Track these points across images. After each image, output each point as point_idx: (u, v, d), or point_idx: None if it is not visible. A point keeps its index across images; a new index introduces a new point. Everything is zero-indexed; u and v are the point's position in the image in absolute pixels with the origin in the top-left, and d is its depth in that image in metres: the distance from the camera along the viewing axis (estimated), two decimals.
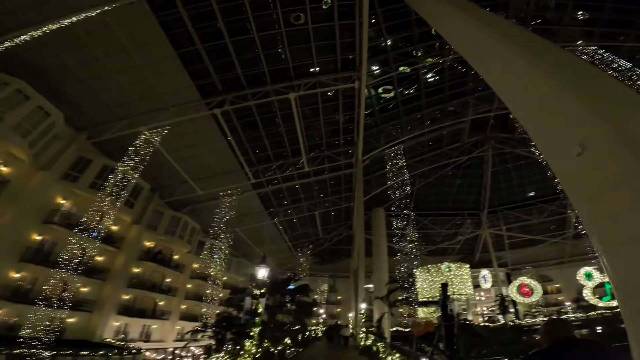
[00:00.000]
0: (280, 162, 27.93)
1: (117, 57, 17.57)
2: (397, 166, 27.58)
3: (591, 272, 28.23)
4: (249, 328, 10.17)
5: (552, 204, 40.13)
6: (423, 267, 10.97)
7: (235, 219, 30.26)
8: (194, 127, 22.75)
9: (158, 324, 30.10)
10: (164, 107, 20.67)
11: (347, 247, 43.92)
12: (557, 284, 43.08)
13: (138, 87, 19.58)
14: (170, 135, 21.59)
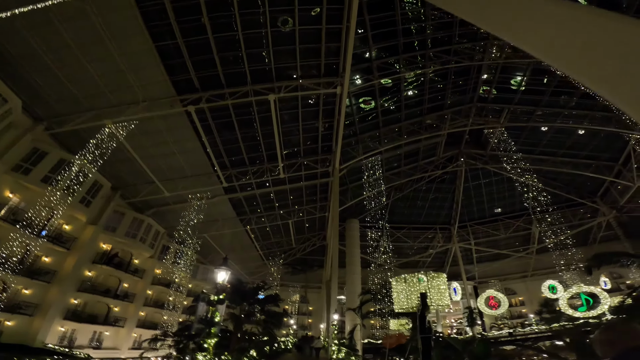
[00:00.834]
0: (256, 167, 26.90)
1: (91, 46, 16.48)
2: (374, 177, 27.52)
3: (555, 285, 29.18)
4: (203, 338, 8.58)
5: (519, 219, 41.83)
6: (399, 277, 10.41)
7: (204, 224, 28.81)
8: (165, 124, 21.48)
9: (111, 331, 27.79)
10: (134, 101, 19.39)
11: (320, 257, 43.03)
12: (521, 296, 44.55)
13: (109, 79, 18.35)
14: (139, 131, 20.50)
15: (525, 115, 28.64)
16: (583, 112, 27.15)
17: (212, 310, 8.84)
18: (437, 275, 10.11)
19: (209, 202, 27.42)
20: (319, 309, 43.95)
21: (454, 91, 27.66)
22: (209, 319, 8.60)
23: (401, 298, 9.95)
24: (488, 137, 31.53)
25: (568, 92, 26.11)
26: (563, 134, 31.34)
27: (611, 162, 32.49)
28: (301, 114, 23.85)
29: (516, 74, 26.39)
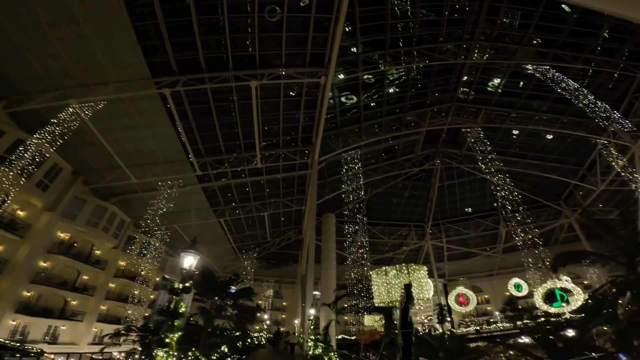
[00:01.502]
0: (232, 155, 25.85)
1: (64, 25, 15.50)
2: (353, 172, 27.31)
3: (520, 283, 30.38)
4: (164, 332, 7.33)
5: (488, 219, 43.28)
6: (380, 269, 10.04)
7: (175, 214, 27.40)
8: (136, 107, 20.25)
9: (69, 326, 25.85)
10: (104, 82, 18.19)
11: (295, 252, 42.48)
12: (487, 294, 46.35)
13: (80, 59, 17.29)
14: (107, 114, 19.31)
15: (500, 117, 29.37)
16: (554, 117, 28.31)
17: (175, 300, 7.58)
18: (418, 267, 9.84)
19: (181, 190, 26.02)
20: (293, 304, 43.44)
21: (435, 90, 27.95)
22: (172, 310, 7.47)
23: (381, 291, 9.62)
24: (465, 137, 32.20)
25: (542, 96, 27.08)
26: (534, 137, 32.53)
27: (577, 167, 34.17)
28: (282, 103, 23.22)
29: (495, 76, 26.96)
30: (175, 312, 7.42)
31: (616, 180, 31.41)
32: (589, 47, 22.06)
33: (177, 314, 7.41)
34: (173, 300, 7.61)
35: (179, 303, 7.57)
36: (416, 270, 7.83)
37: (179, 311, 7.49)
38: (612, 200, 36.24)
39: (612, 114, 21.40)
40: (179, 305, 7.55)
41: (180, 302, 7.62)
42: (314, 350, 14.11)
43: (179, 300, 7.64)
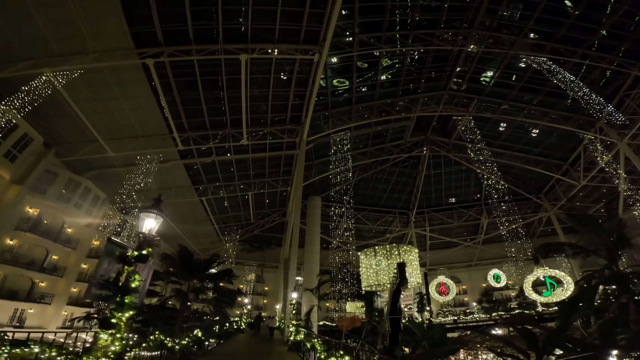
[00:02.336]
0: (218, 131, 24.86)
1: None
2: (341, 154, 26.72)
3: (499, 274, 31.00)
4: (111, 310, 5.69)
5: (471, 209, 43.82)
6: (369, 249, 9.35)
7: (154, 191, 26.11)
8: (116, 78, 19.17)
9: (36, 309, 24.49)
10: (82, 51, 17.03)
11: (279, 235, 41.91)
12: (465, 285, 47.34)
13: (57, 27, 15.99)
14: (83, 84, 18.39)
15: (492, 107, 29.20)
16: (544, 110, 28.32)
17: (128, 271, 6.01)
18: (409, 249, 9.16)
19: (161, 166, 24.87)
20: (275, 289, 43.16)
21: (429, 77, 27.52)
22: (123, 285, 5.90)
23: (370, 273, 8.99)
24: (455, 125, 31.99)
25: (534, 89, 26.98)
26: (521, 130, 32.68)
27: (560, 161, 34.65)
28: (273, 80, 22.34)
29: (490, 67, 26.63)
30: (125, 287, 5.86)
31: (597, 177, 32.13)
32: (587, 43, 21.90)
33: (128, 288, 5.85)
34: (125, 271, 6.02)
35: (132, 275, 5.99)
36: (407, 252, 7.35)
37: (131, 286, 5.89)
38: (590, 197, 37.24)
39: (605, 106, 21.37)
40: (132, 278, 5.95)
41: (134, 275, 6.00)
42: (295, 335, 13.71)
43: (132, 272, 6.02)
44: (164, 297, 14.87)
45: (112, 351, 5.08)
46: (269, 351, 14.07)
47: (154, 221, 6.49)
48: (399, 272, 7.41)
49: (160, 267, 15.35)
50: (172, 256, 15.64)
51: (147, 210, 6.49)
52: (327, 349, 8.90)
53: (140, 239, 6.32)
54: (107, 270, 6.04)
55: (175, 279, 14.83)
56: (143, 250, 6.16)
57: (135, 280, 5.97)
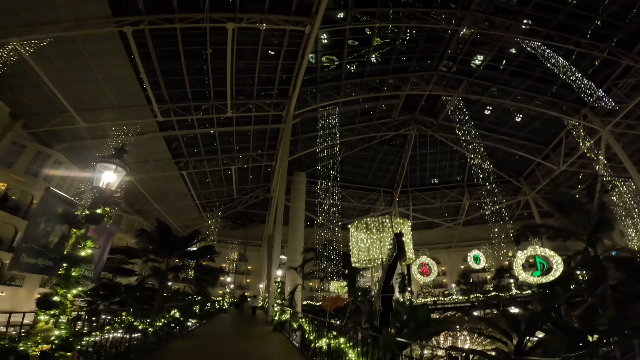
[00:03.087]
0: (200, 103, 23.84)
1: None
2: (328, 129, 26.10)
3: (479, 256, 31.88)
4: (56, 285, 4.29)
5: (454, 190, 44.47)
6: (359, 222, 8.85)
7: (131, 164, 24.75)
8: (90, 48, 17.99)
9: (7, 292, 23.16)
10: (53, 20, 15.88)
11: (262, 212, 41.43)
12: (444, 266, 48.40)
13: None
14: (54, 53, 17.24)
15: (481, 90, 29.07)
16: (532, 95, 28.44)
17: (75, 235, 4.57)
18: (402, 221, 8.68)
19: (139, 138, 23.52)
20: (259, 268, 43.08)
21: (420, 57, 27.00)
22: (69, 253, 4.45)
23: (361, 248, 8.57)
24: (444, 106, 31.74)
25: (524, 74, 26.93)
26: (507, 114, 32.88)
27: (542, 146, 35.31)
28: (261, 52, 21.36)
29: (483, 50, 26.22)
30: (72, 256, 4.42)
31: (577, 163, 33.03)
32: (582, 31, 21.72)
33: (75, 258, 4.41)
34: (72, 235, 4.60)
35: (82, 241, 4.55)
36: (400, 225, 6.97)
37: (80, 254, 4.45)
38: (567, 182, 38.39)
39: (593, 93, 21.45)
40: (82, 244, 4.51)
41: (85, 240, 4.56)
42: (280, 315, 13.53)
43: (82, 236, 4.56)
44: (142, 277, 14.23)
45: (56, 336, 3.94)
46: (252, 332, 13.90)
47: (113, 174, 5.03)
48: (397, 244, 6.65)
49: (136, 244, 14.59)
50: (149, 232, 14.84)
51: (105, 160, 5.06)
52: (315, 329, 8.65)
53: (95, 194, 4.89)
54: (43, 232, 4.58)
55: (153, 257, 14.15)
56: (97, 208, 4.65)
57: (87, 247, 4.49)
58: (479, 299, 27.33)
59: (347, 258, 23.41)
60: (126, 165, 5.16)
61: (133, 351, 7.63)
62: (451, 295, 33.71)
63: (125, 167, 5.15)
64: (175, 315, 10.54)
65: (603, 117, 26.79)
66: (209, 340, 11.22)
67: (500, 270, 36.12)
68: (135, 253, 14.00)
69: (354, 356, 5.44)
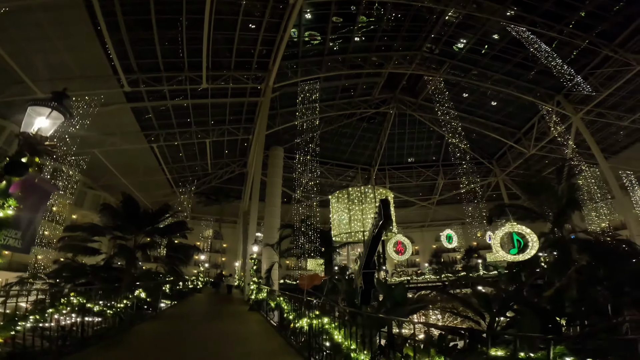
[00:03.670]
0: (173, 74, 22.55)
1: None
2: (308, 104, 25.31)
3: (451, 235, 33.00)
4: None
5: (429, 170, 45.26)
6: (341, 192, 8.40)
7: (95, 137, 23.27)
8: (49, 17, 16.60)
9: None
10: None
11: (238, 187, 40.40)
12: (417, 246, 49.68)
13: None
14: (9, 23, 15.94)
15: (462, 72, 29.24)
16: (510, 80, 28.84)
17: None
18: (385, 191, 8.26)
19: (104, 110, 21.96)
20: (234, 246, 42.41)
21: (405, 36, 26.52)
22: None
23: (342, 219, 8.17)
24: (425, 85, 31.60)
25: (505, 59, 27.15)
26: (484, 97, 33.32)
27: (515, 130, 36.35)
28: (241, 22, 20.23)
29: (467, 33, 25.98)
30: None
31: (546, 147, 34.35)
32: (567, 19, 21.83)
33: None
34: None
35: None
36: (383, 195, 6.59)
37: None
38: (536, 166, 40.03)
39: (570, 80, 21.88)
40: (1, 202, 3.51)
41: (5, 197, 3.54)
42: (257, 294, 13.20)
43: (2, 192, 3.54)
44: (109, 256, 13.32)
45: None
46: (228, 312, 13.55)
47: (46, 120, 4.00)
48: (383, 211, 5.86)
49: (100, 221, 13.54)
50: (114, 207, 13.79)
51: (38, 103, 4.01)
52: (295, 308, 8.33)
53: (20, 140, 3.83)
54: None
55: (119, 235, 13.23)
56: (23, 157, 3.68)
57: (8, 206, 3.50)
58: (450, 278, 28.45)
59: (325, 235, 23.43)
60: (66, 110, 4.24)
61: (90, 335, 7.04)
62: (424, 275, 34.84)
63: (64, 113, 4.19)
64: (140, 296, 9.89)
65: (576, 105, 27.71)
66: (181, 321, 10.74)
67: (469, 251, 37.66)
68: (99, 230, 13.01)
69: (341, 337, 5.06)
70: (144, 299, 10.22)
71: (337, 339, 5.14)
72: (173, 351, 6.51)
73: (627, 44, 22.16)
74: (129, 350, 6.58)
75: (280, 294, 10.46)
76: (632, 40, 21.86)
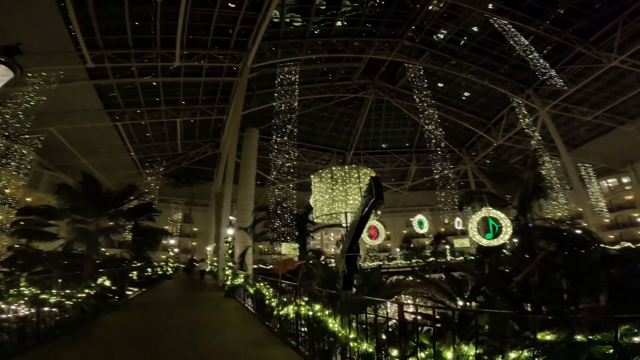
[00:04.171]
0: (144, 50, 21.38)
1: None
2: (286, 85, 24.60)
3: (423, 220, 33.96)
4: None
5: (403, 156, 46.04)
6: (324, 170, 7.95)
7: (53, 114, 21.43)
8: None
9: None
10: None
11: (210, 168, 38.90)
12: (388, 231, 50.91)
13: None
14: None
15: (441, 61, 29.54)
16: (485, 72, 29.57)
17: None
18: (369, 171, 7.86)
19: (63, 87, 20.41)
20: (205, 230, 41.12)
21: (389, 22, 26.29)
22: None
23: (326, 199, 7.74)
24: (404, 73, 31.69)
25: (483, 51, 27.69)
26: (459, 87, 34.15)
27: (486, 120, 37.63)
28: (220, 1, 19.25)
29: (449, 24, 26.11)
30: None
31: (512, 138, 35.91)
32: (547, 15, 22.35)
33: None
34: None
35: None
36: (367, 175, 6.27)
37: None
38: (502, 156, 41.86)
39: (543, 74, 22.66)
40: None
41: None
42: (232, 279, 12.73)
43: None
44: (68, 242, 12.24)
45: None
46: (202, 299, 13.01)
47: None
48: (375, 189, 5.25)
49: (58, 204, 12.34)
50: (71, 187, 12.58)
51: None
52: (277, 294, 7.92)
53: None
54: None
55: (79, 218, 12.15)
56: None
57: None
58: (419, 263, 29.43)
59: (299, 219, 23.20)
60: (17, 65, 3.82)
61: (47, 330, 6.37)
62: (395, 260, 35.78)
63: (13, 68, 3.78)
64: (104, 284, 9.20)
65: (544, 99, 28.96)
66: (152, 310, 10.18)
67: (437, 236, 39.05)
68: (56, 213, 11.88)
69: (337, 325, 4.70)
70: (109, 287, 9.53)
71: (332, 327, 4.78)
72: (144, 343, 6.04)
73: (601, 42, 23.18)
74: (94, 345, 6.00)
75: (261, 279, 9.99)
76: (606, 39, 22.85)
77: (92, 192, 12.11)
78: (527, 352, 2.64)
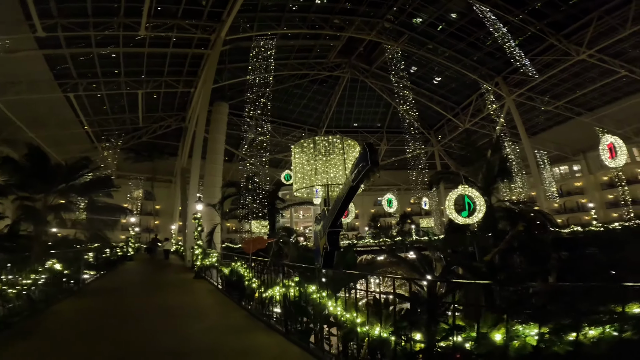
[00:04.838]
0: (105, 19, 19.62)
1: None
2: (260, 60, 23.34)
3: (392, 199, 34.82)
4: None
5: (374, 135, 46.42)
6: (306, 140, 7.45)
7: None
8: None
9: None
10: None
11: (174, 143, 36.82)
12: (357, 210, 51.71)
13: None
14: None
15: (419, 44, 29.61)
16: (460, 57, 30.05)
17: None
18: (353, 143, 7.43)
19: (8, 56, 18.75)
20: (169, 207, 39.25)
21: (371, 2, 25.85)
22: None
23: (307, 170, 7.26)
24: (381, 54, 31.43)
25: (460, 37, 27.97)
26: (433, 71, 34.45)
27: (455, 105, 38.75)
28: None
29: (430, 8, 25.94)
30: None
31: (478, 123, 37.30)
32: (527, 6, 22.76)
33: None
34: None
35: None
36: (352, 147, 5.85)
37: None
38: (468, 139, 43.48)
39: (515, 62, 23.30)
40: None
41: None
42: (203, 259, 12.09)
43: None
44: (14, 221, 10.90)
45: None
46: (170, 281, 12.22)
47: None
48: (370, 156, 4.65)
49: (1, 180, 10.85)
50: (15, 160, 11.14)
51: None
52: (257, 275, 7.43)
53: None
54: None
55: (25, 195, 10.84)
56: None
57: None
58: (387, 242, 30.26)
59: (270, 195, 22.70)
60: None
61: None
62: (364, 239, 36.56)
63: None
64: (55, 268, 8.30)
65: (511, 87, 30.09)
66: (114, 295, 9.36)
67: (404, 216, 40.39)
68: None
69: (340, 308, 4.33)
70: (61, 271, 8.62)
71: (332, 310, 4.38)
72: (107, 335, 5.32)
73: (573, 36, 24.07)
74: (45, 340, 5.18)
75: (238, 258, 9.45)
76: (578, 33, 23.74)
77: (40, 165, 10.78)
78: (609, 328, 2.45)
